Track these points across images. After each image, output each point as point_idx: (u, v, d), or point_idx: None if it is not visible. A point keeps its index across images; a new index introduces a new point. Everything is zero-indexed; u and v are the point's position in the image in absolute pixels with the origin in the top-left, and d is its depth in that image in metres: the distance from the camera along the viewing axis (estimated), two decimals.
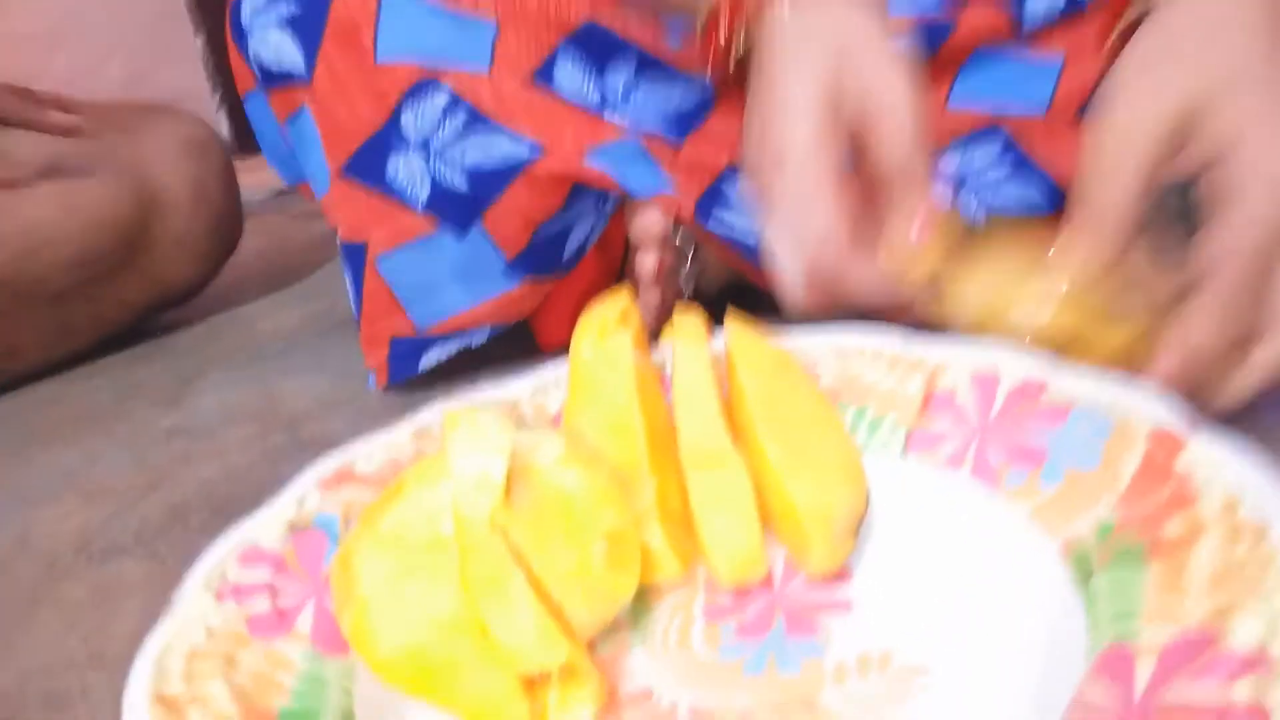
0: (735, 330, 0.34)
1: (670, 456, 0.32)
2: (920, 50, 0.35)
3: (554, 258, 0.48)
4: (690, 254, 0.51)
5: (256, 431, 0.53)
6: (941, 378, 0.32)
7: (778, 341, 0.35)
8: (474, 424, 0.28)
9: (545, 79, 0.45)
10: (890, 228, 0.33)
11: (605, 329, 0.35)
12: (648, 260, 0.49)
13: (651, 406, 0.33)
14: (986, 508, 0.29)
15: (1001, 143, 0.44)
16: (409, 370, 0.51)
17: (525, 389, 0.36)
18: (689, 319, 0.36)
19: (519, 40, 0.45)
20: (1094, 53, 0.43)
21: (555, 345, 0.51)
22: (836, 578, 0.29)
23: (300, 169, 0.51)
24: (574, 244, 0.49)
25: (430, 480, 0.28)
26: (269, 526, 0.30)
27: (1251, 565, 0.21)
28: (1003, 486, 0.29)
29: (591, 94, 0.46)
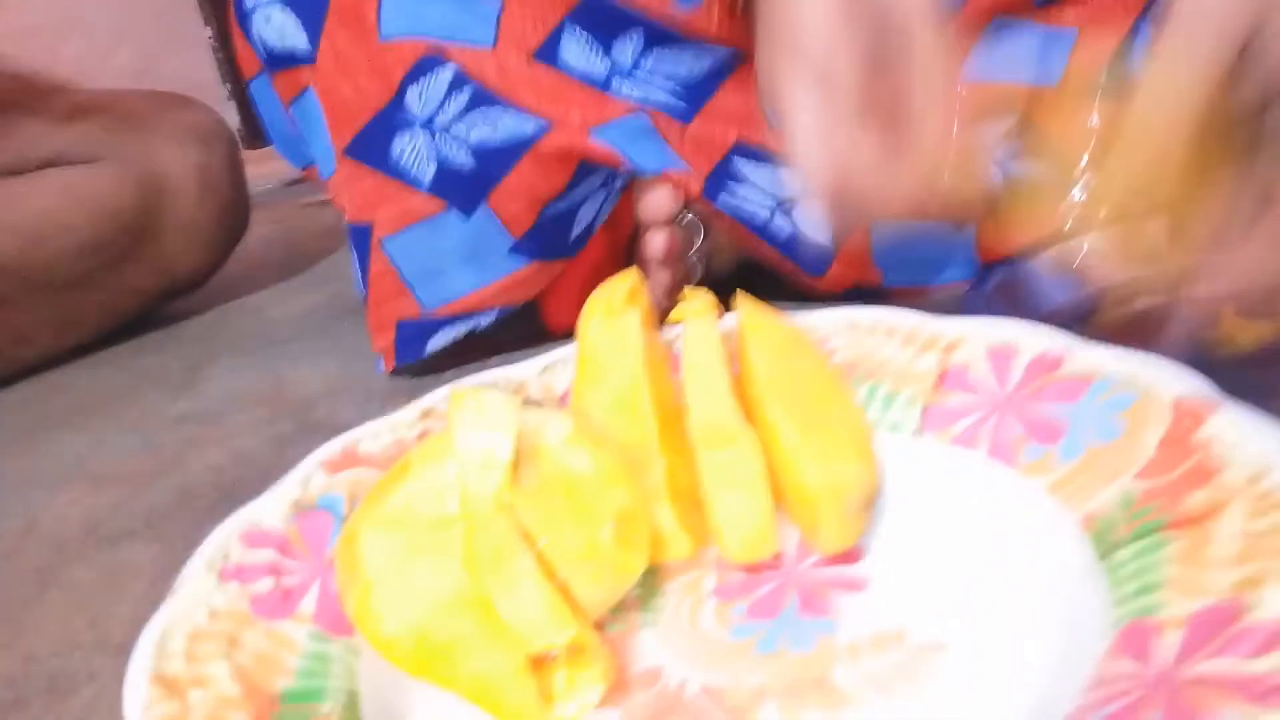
0: (746, 307, 0.34)
1: (680, 435, 0.31)
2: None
3: (561, 238, 0.48)
4: (700, 234, 0.50)
5: (265, 416, 0.53)
6: (956, 353, 0.31)
7: (789, 319, 0.34)
8: (480, 403, 0.28)
9: (551, 55, 0.45)
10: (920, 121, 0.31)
11: (613, 308, 0.34)
12: (657, 240, 0.48)
13: (660, 385, 0.33)
14: (1003, 483, 0.28)
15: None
16: (416, 353, 0.50)
17: (533, 369, 0.36)
18: (698, 297, 0.35)
19: (523, 16, 0.44)
20: (1109, 25, 0.42)
21: (564, 327, 0.51)
22: (849, 556, 0.28)
23: (307, 153, 0.51)
24: (581, 224, 0.48)
25: (436, 459, 0.28)
26: (273, 507, 0.29)
27: (1278, 536, 0.20)
28: (1020, 461, 0.28)
29: (599, 67, 0.45)
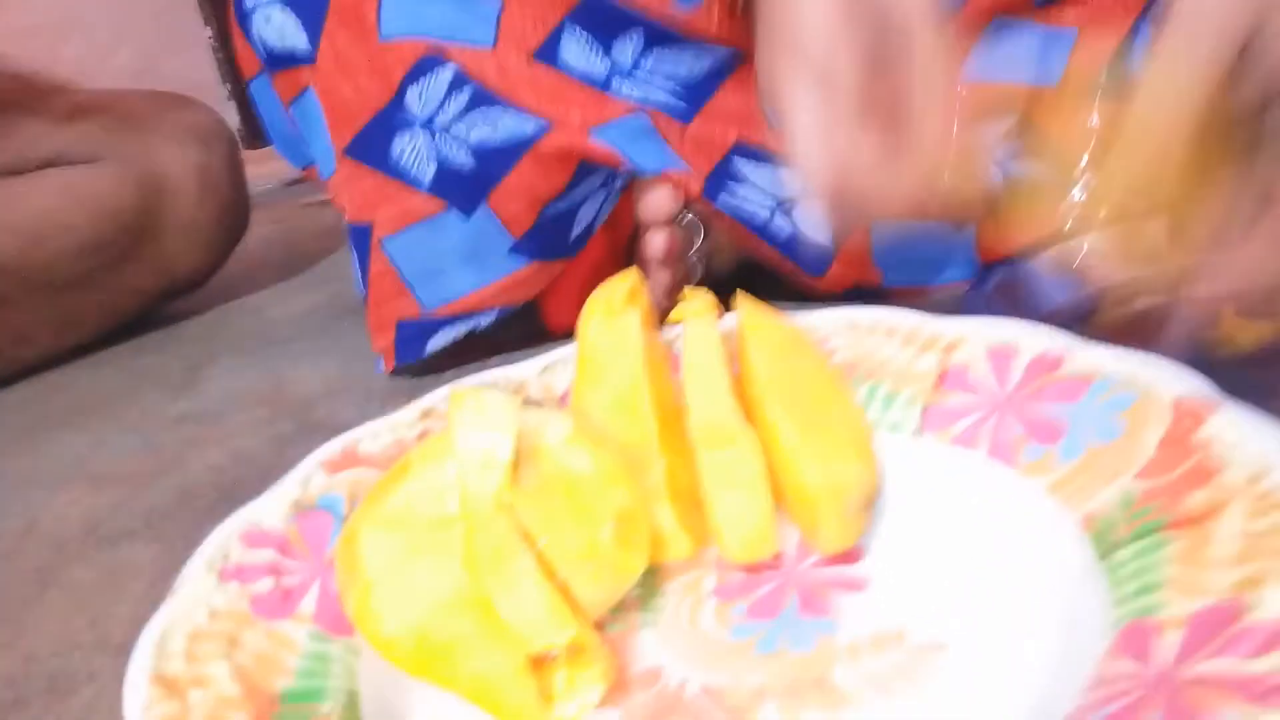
0: (746, 307, 0.34)
1: (680, 435, 0.31)
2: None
3: (561, 238, 0.48)
4: (700, 234, 0.50)
5: (265, 416, 0.53)
6: (956, 353, 0.31)
7: (789, 319, 0.34)
8: (480, 403, 0.28)
9: (551, 55, 0.45)
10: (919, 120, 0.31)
11: (613, 308, 0.34)
12: (657, 240, 0.48)
13: (660, 385, 0.33)
14: (1003, 483, 0.28)
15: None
16: (416, 353, 0.50)
17: (533, 369, 0.36)
18: (698, 297, 0.35)
19: (523, 16, 0.44)
20: (1109, 26, 0.42)
21: (564, 327, 0.51)
22: (850, 556, 0.28)
23: (306, 153, 0.51)
24: (581, 224, 0.48)
25: (436, 459, 0.28)
26: (273, 507, 0.29)
27: (1278, 536, 0.20)
28: (1020, 461, 0.28)
29: (599, 67, 0.45)
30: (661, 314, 0.36)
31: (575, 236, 0.48)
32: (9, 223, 0.66)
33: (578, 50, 0.45)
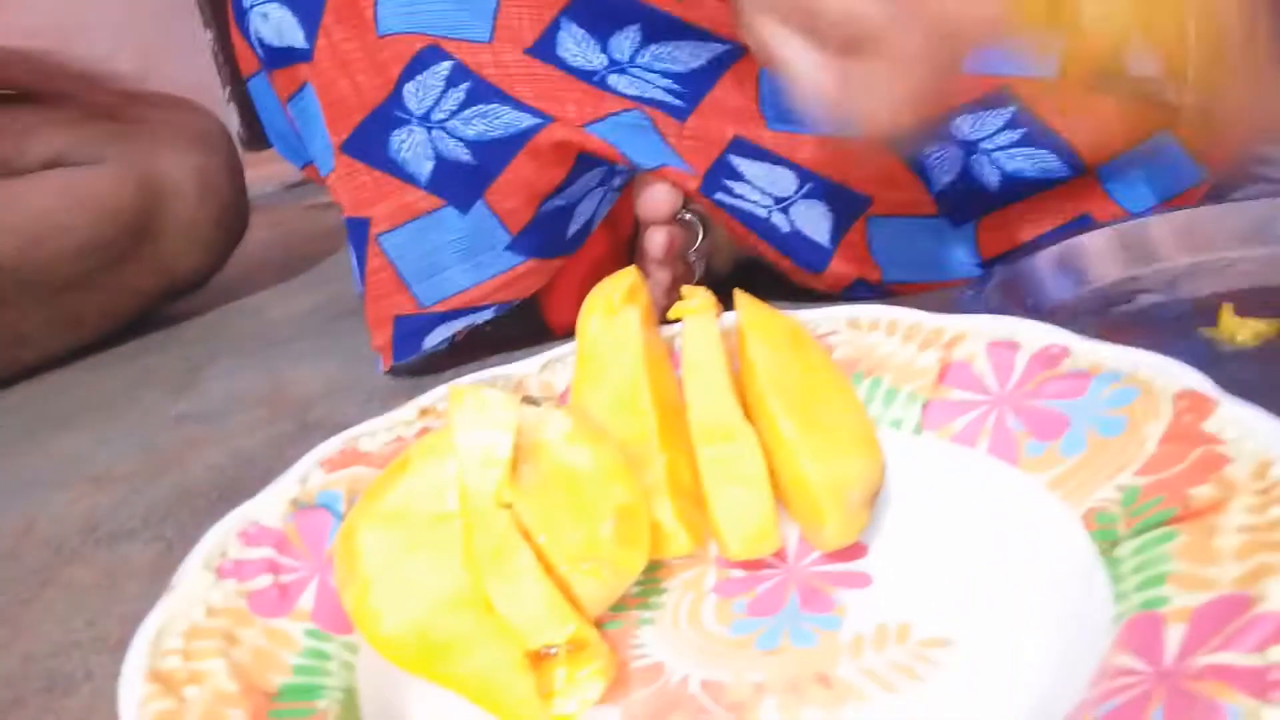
0: (745, 304, 0.34)
1: (680, 432, 0.31)
2: None
3: (559, 234, 0.48)
4: (700, 233, 0.50)
5: (265, 417, 0.53)
6: (957, 349, 0.31)
7: (789, 315, 0.34)
8: (479, 400, 0.27)
9: (547, 51, 0.45)
10: None
11: (613, 305, 0.34)
12: (657, 239, 0.48)
13: (661, 382, 0.33)
14: (1006, 478, 0.28)
15: (1014, 108, 0.43)
16: (412, 350, 0.50)
17: (532, 366, 0.36)
18: (698, 295, 0.35)
19: (520, 11, 0.44)
20: None
21: (564, 325, 0.51)
22: (852, 552, 0.28)
23: (305, 151, 0.51)
24: (579, 221, 0.48)
25: (435, 456, 0.27)
26: (271, 505, 0.29)
27: None
28: (1023, 456, 0.28)
29: (595, 62, 0.45)
30: (661, 312, 0.36)
31: (573, 233, 0.48)
32: (9, 223, 0.66)
33: (574, 45, 0.45)
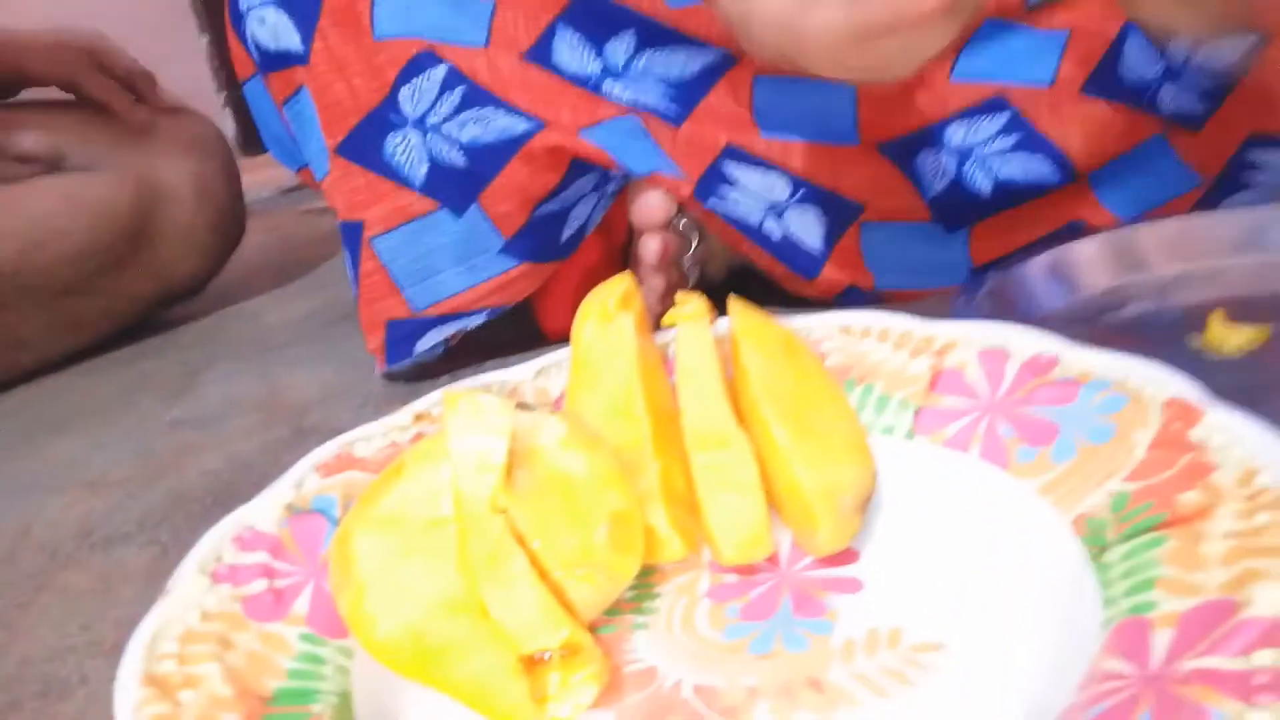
0: (739, 311, 0.34)
1: (674, 438, 0.31)
2: None
3: (553, 239, 0.48)
4: (695, 239, 0.50)
5: (260, 422, 0.53)
6: (949, 356, 0.31)
7: (783, 322, 0.34)
8: (474, 405, 0.28)
9: (543, 56, 0.45)
10: None
11: (607, 311, 0.34)
12: (651, 245, 0.48)
13: (654, 388, 0.33)
14: (997, 484, 0.28)
15: (1008, 115, 0.43)
16: (405, 353, 0.50)
17: (527, 372, 0.36)
18: (692, 301, 0.35)
19: (515, 16, 0.44)
20: (1099, 28, 0.42)
21: (559, 332, 0.51)
22: (844, 557, 0.28)
23: (300, 154, 0.51)
24: (573, 226, 0.48)
25: (430, 461, 0.28)
26: (266, 510, 0.29)
27: (1271, 533, 0.20)
28: (1013, 462, 0.28)
29: (590, 67, 0.45)
30: (655, 318, 0.36)
31: (567, 238, 0.48)
32: (8, 228, 0.66)
33: (569, 51, 0.45)
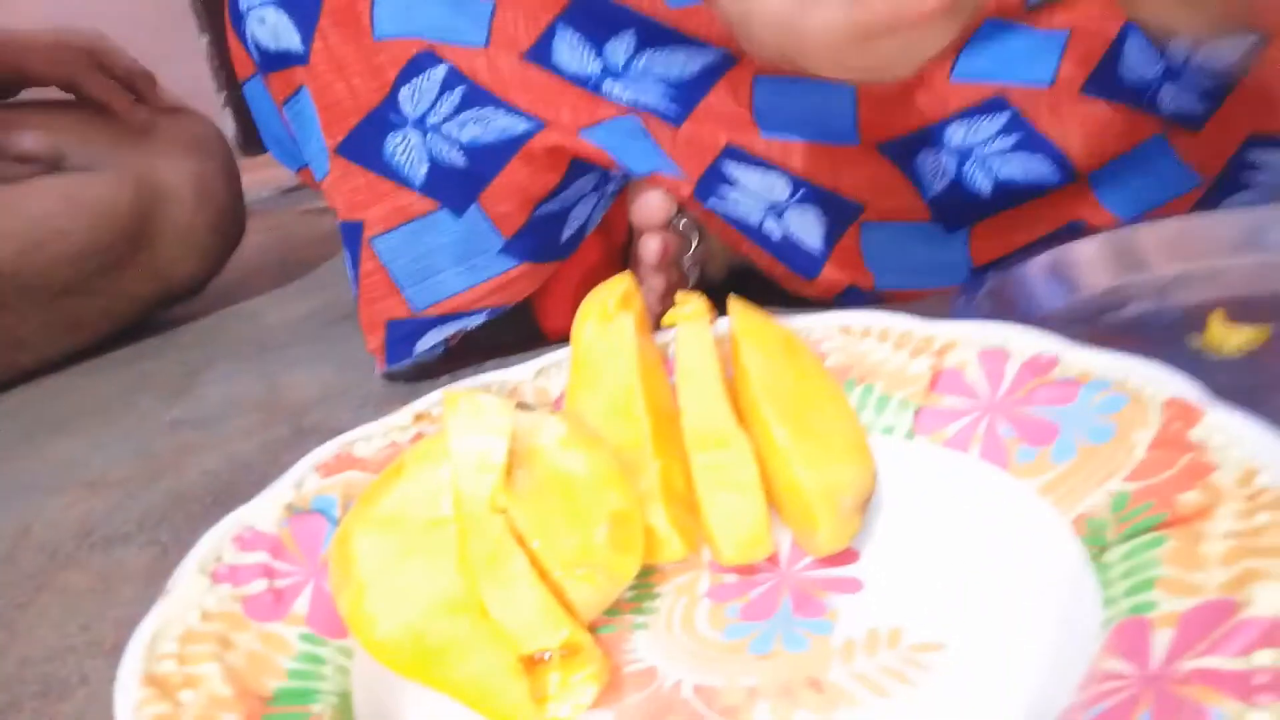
0: (739, 311, 0.34)
1: (674, 438, 0.31)
2: None
3: (552, 239, 0.48)
4: (694, 239, 0.50)
5: (260, 422, 0.53)
6: (949, 356, 0.31)
7: (783, 322, 0.34)
8: (474, 405, 0.28)
9: (543, 56, 0.45)
10: None
11: (608, 312, 0.34)
12: (651, 245, 0.48)
13: (655, 388, 0.33)
14: (997, 484, 0.28)
15: (1008, 115, 0.43)
16: (405, 353, 0.50)
17: (527, 372, 0.36)
18: (692, 301, 0.35)
19: (515, 16, 0.44)
20: (1099, 28, 0.42)
21: (559, 332, 0.51)
22: (844, 557, 0.28)
23: (300, 154, 0.51)
24: (573, 226, 0.48)
25: (430, 461, 0.28)
26: (266, 509, 0.29)
27: (1271, 533, 0.20)
28: (1013, 462, 0.28)
29: (590, 67, 0.45)
30: (655, 318, 0.36)
31: (567, 238, 0.48)
32: (7, 228, 0.66)
33: (569, 51, 0.45)
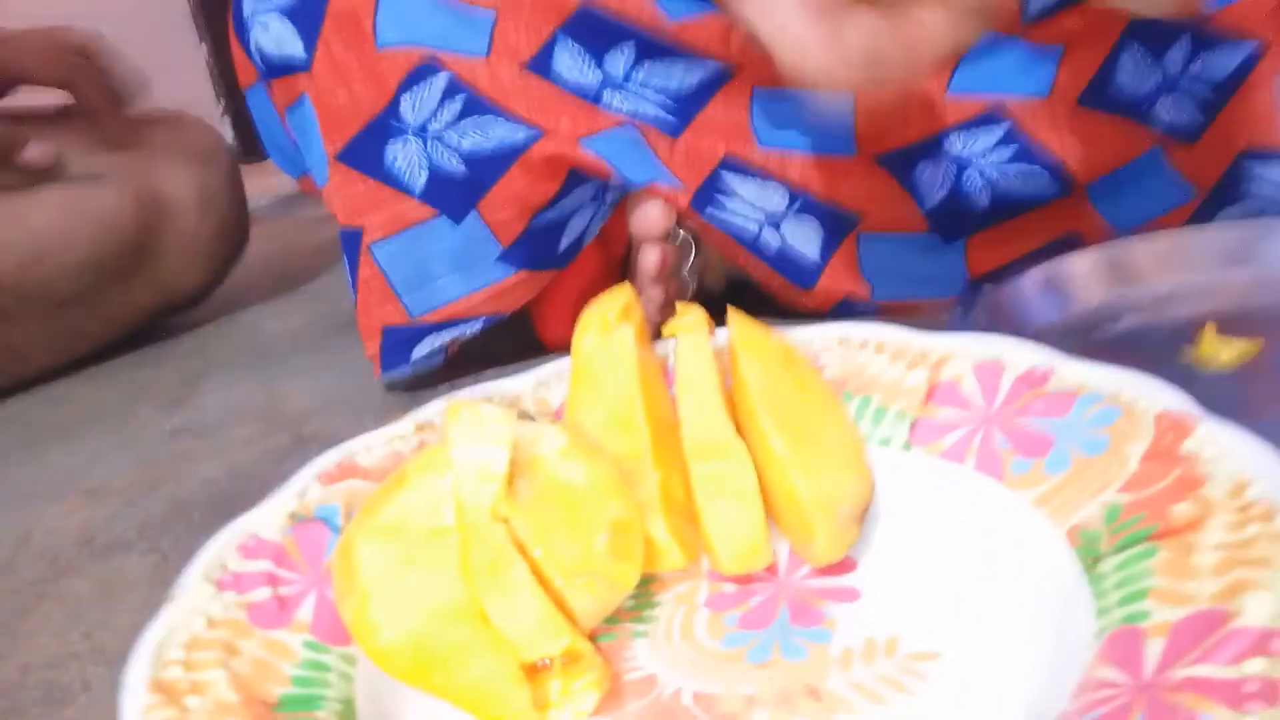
0: (738, 322, 0.34)
1: (673, 449, 0.32)
2: None
3: (550, 248, 0.48)
4: (693, 251, 0.51)
5: (260, 430, 0.53)
6: (945, 368, 0.32)
7: (781, 334, 0.34)
8: (476, 415, 0.28)
9: (543, 66, 0.45)
10: None
11: (608, 322, 0.35)
12: (650, 257, 0.48)
13: (654, 399, 0.33)
14: (992, 496, 0.28)
15: (1005, 128, 0.44)
16: (401, 360, 0.50)
17: (527, 383, 0.36)
18: (691, 312, 0.35)
19: (516, 29, 0.45)
20: (1095, 41, 0.43)
21: (558, 342, 0.51)
22: (842, 567, 0.28)
23: (302, 161, 0.51)
24: (571, 235, 0.49)
25: (432, 471, 0.28)
26: (270, 518, 0.30)
27: (1261, 544, 0.21)
28: (1008, 474, 0.28)
29: (590, 78, 0.46)
30: (654, 329, 0.36)
31: (565, 248, 0.49)
32: (9, 240, 0.66)
33: (570, 62, 0.46)
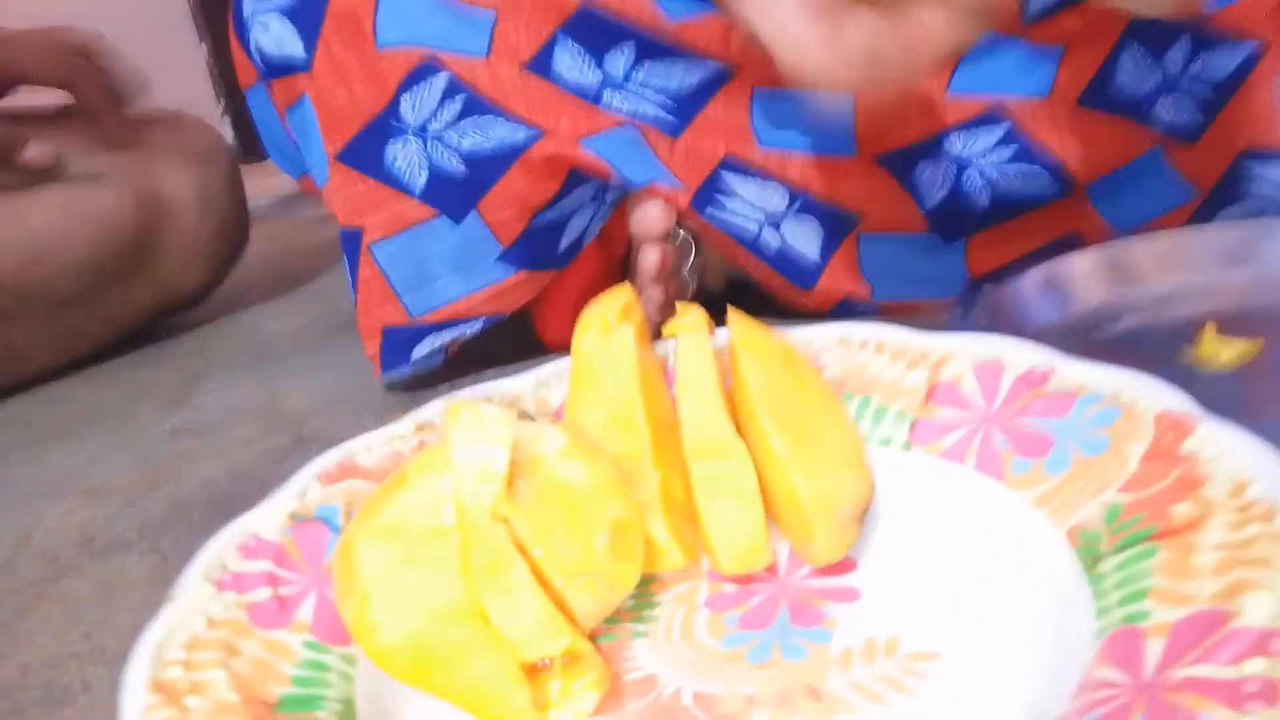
0: (738, 322, 0.34)
1: (673, 449, 0.32)
2: None
3: (550, 248, 0.48)
4: (693, 251, 0.51)
5: (260, 430, 0.53)
6: (945, 368, 0.32)
7: (781, 334, 0.34)
8: (476, 415, 0.28)
9: (543, 66, 0.45)
10: None
11: (608, 322, 0.35)
12: (650, 257, 0.48)
13: (654, 399, 0.33)
14: (992, 496, 0.28)
15: (1005, 127, 0.44)
16: (401, 360, 0.50)
17: (527, 383, 0.36)
18: (691, 312, 0.35)
19: (516, 29, 0.45)
20: (1095, 41, 0.43)
21: (558, 342, 0.51)
22: (842, 567, 0.28)
23: (302, 161, 0.51)
24: (571, 236, 0.49)
25: (432, 470, 0.28)
26: (270, 518, 0.30)
27: (1261, 544, 0.21)
28: (1008, 474, 0.28)
29: (590, 78, 0.46)
30: (654, 329, 0.36)
31: (565, 248, 0.49)
32: (9, 240, 0.66)
33: (570, 62, 0.46)
